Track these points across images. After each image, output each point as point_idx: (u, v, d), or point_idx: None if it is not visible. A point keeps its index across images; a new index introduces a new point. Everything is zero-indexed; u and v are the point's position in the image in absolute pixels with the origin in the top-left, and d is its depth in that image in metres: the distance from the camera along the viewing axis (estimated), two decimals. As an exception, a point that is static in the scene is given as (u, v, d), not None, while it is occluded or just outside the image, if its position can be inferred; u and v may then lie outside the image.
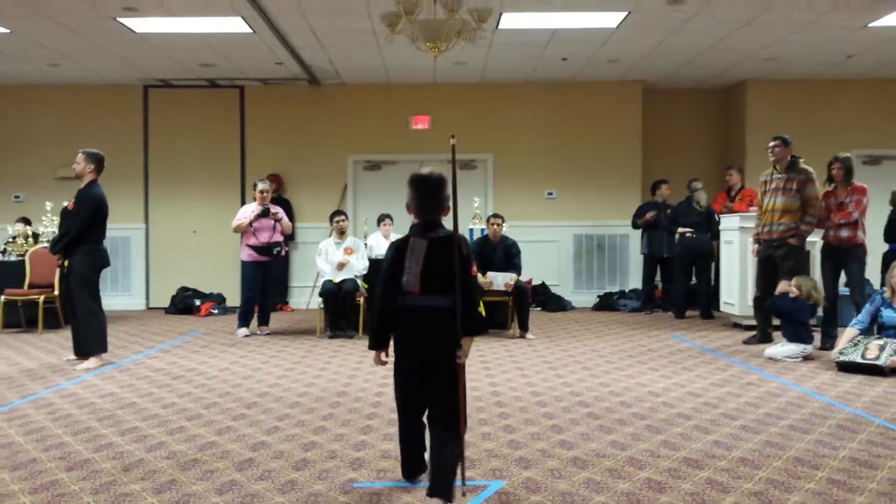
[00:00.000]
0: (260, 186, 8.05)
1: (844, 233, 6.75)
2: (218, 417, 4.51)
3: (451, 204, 3.09)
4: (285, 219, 8.14)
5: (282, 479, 3.39)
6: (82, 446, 3.92)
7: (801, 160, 6.98)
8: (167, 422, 4.41)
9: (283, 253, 8.24)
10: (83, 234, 6.07)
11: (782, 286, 6.52)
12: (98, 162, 6.27)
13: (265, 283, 8.08)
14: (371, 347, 3.22)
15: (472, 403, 4.78)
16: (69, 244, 6.09)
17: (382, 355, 3.21)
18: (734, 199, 9.59)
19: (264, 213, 7.91)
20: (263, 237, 7.92)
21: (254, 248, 7.93)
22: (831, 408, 4.67)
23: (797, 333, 6.35)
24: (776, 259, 6.94)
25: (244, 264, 8.09)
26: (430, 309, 3.03)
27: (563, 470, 3.49)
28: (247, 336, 7.88)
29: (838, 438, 3.99)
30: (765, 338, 7.03)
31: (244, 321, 8.05)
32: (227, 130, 10.68)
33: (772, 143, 6.98)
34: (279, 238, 8.04)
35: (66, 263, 6.17)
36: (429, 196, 3.08)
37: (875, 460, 3.61)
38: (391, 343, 3.19)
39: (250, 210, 8.00)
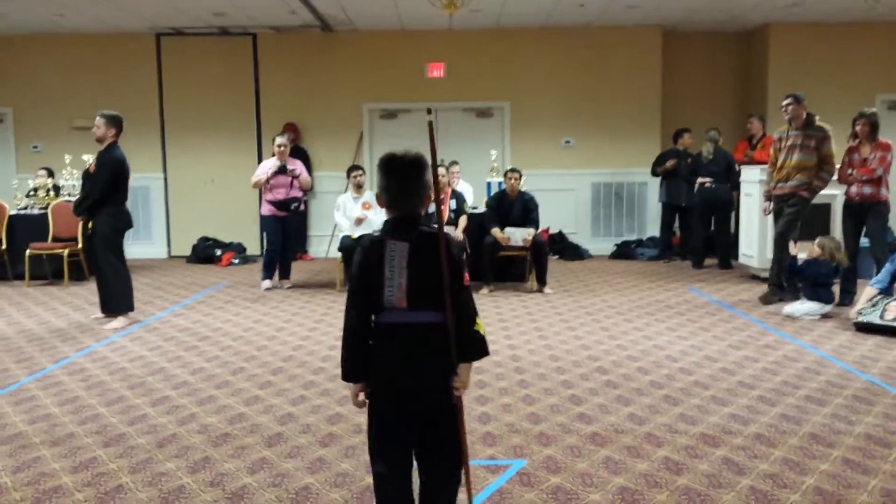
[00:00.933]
0: (278, 141, 8.04)
1: (867, 189, 6.69)
2: (245, 385, 4.63)
3: (431, 192, 2.49)
4: (304, 174, 8.16)
5: (310, 457, 3.51)
6: (117, 418, 4.06)
7: (816, 117, 6.88)
8: (197, 390, 4.54)
9: (301, 208, 8.28)
10: (105, 197, 6.14)
11: (808, 250, 6.51)
12: (118, 124, 6.29)
13: (285, 238, 8.16)
14: (346, 378, 2.51)
15: (491, 370, 4.88)
16: (92, 206, 6.17)
17: (361, 394, 2.51)
18: (755, 148, 9.48)
19: (282, 170, 7.94)
20: (280, 193, 7.98)
21: (272, 203, 8.01)
22: (848, 375, 4.73)
23: (817, 294, 6.36)
24: (783, 209, 6.97)
25: (264, 218, 8.22)
26: (419, 326, 2.41)
27: (583, 448, 3.59)
28: (269, 289, 8.01)
29: (854, 412, 4.05)
30: (774, 294, 7.03)
31: (268, 273, 8.19)
32: (241, 79, 10.60)
33: (785, 102, 6.90)
34: (297, 194, 8.10)
35: (90, 225, 6.25)
36: (405, 183, 2.43)
37: (889, 437, 3.68)
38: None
39: (269, 165, 8.03)
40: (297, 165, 8.14)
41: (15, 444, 3.70)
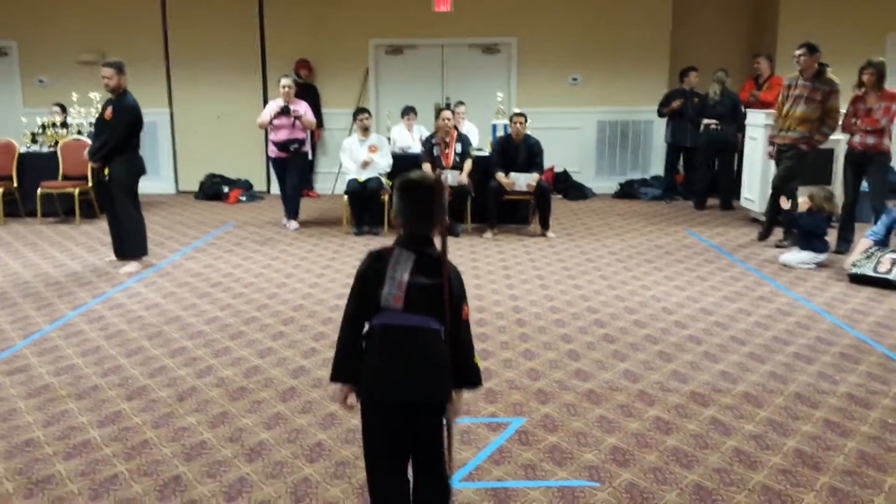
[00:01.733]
0: (283, 82, 8.09)
1: (870, 139, 6.73)
2: (258, 336, 4.84)
3: (445, 214, 2.46)
4: (308, 115, 8.21)
5: (322, 413, 3.74)
6: (137, 370, 4.28)
7: (828, 69, 6.88)
8: (212, 341, 4.75)
9: (303, 149, 8.38)
10: (121, 144, 6.25)
11: (802, 203, 6.62)
12: (125, 70, 6.32)
13: (288, 178, 8.30)
14: (333, 378, 2.52)
15: (494, 322, 5.08)
16: (108, 153, 6.28)
17: (350, 396, 2.50)
18: (762, 88, 9.43)
19: (285, 111, 8.03)
20: (282, 134, 8.10)
21: (275, 143, 8.17)
22: (837, 330, 4.91)
23: (811, 244, 6.50)
24: (782, 160, 7.09)
25: (271, 160, 8.42)
26: (416, 329, 2.38)
27: (579, 406, 3.81)
28: (296, 228, 8.26)
29: (839, 370, 4.25)
30: (767, 233, 7.30)
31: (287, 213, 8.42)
32: (246, 13, 10.46)
33: (798, 52, 6.90)
34: (299, 135, 8.19)
35: (106, 171, 6.37)
36: (420, 206, 2.42)
37: (870, 398, 3.89)
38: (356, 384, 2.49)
39: (274, 106, 8.08)
40: (300, 107, 8.18)
41: (43, 397, 3.93)
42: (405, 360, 2.39)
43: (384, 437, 2.45)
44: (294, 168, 8.32)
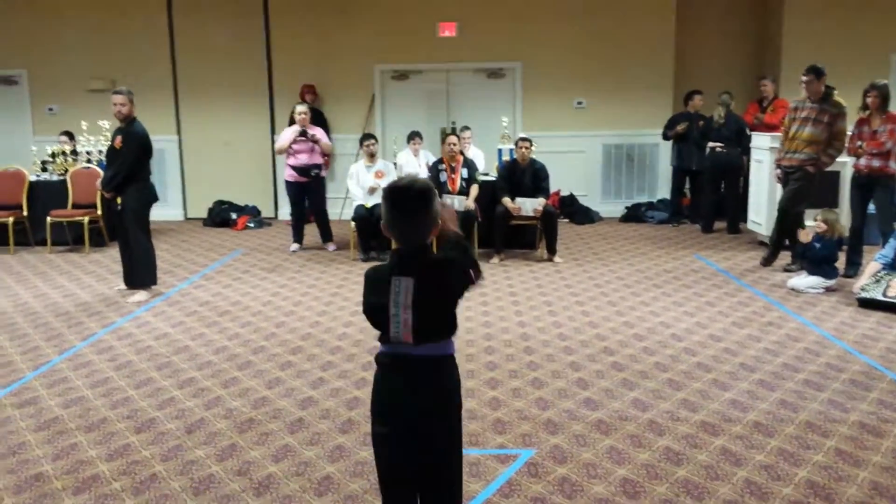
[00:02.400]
0: (299, 109, 8.41)
1: (876, 162, 6.72)
2: (266, 366, 4.85)
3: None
4: (324, 139, 8.45)
5: (330, 445, 3.73)
6: (146, 402, 4.29)
7: (835, 92, 6.91)
8: (220, 371, 4.76)
9: (322, 174, 8.56)
10: (133, 172, 6.31)
11: (808, 231, 6.63)
12: (133, 100, 6.38)
13: (313, 202, 8.60)
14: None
15: (502, 350, 5.08)
16: (121, 182, 6.33)
17: None
18: (766, 111, 9.47)
19: (303, 134, 8.23)
20: (302, 159, 8.31)
21: (294, 168, 8.34)
22: (847, 357, 4.88)
23: (822, 270, 6.49)
24: (789, 182, 7.12)
25: (286, 184, 8.58)
26: (426, 360, 2.35)
27: (588, 436, 3.79)
28: (295, 252, 8.48)
29: (850, 397, 4.22)
30: (772, 257, 7.29)
31: (295, 237, 8.65)
32: (253, 40, 10.60)
33: (805, 78, 6.96)
34: (318, 160, 8.41)
35: (118, 200, 6.42)
36: (411, 217, 2.31)
37: (882, 426, 3.86)
38: (368, 403, 2.49)
39: (291, 132, 8.29)
40: (317, 131, 8.42)
41: (52, 430, 3.93)
42: (417, 389, 2.35)
43: (400, 456, 2.38)
44: (314, 193, 8.56)
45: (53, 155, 9.36)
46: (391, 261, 2.37)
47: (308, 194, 8.53)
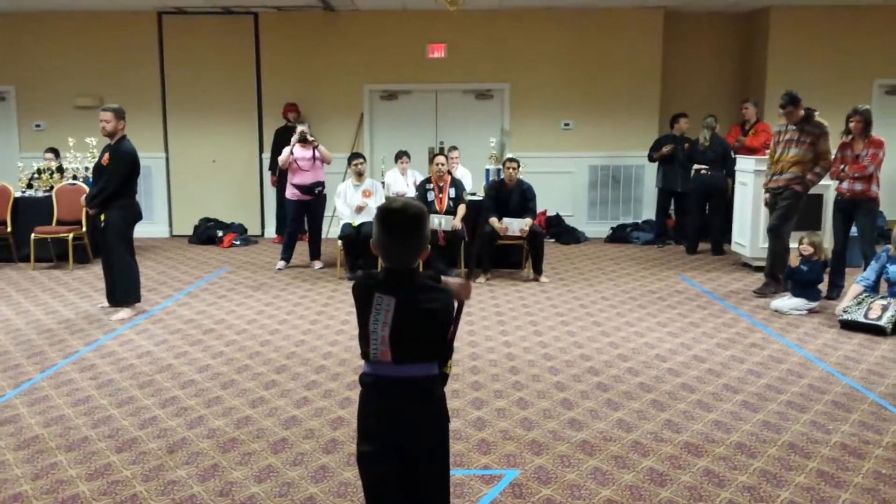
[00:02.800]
0: (299, 128, 8.51)
1: (858, 186, 6.80)
2: (250, 385, 4.82)
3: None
4: (322, 147, 8.57)
5: (314, 465, 3.71)
6: (128, 421, 4.25)
7: (816, 113, 7.03)
8: (203, 390, 4.73)
9: (324, 192, 8.65)
10: (118, 190, 6.28)
11: (797, 253, 6.67)
12: (124, 116, 6.37)
13: (311, 220, 8.63)
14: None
15: (487, 370, 5.07)
16: (105, 200, 6.30)
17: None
18: (748, 134, 9.57)
19: (303, 139, 8.36)
20: (307, 177, 8.42)
21: (297, 186, 8.42)
22: (829, 378, 4.91)
23: (806, 293, 6.54)
24: (777, 202, 7.17)
25: (288, 201, 8.65)
26: (407, 381, 2.33)
27: (573, 457, 3.79)
28: (280, 269, 8.50)
29: (832, 419, 4.25)
30: (769, 287, 7.24)
31: (285, 254, 8.66)
32: (242, 58, 10.63)
33: (782, 111, 7.10)
34: (321, 178, 8.53)
35: (102, 217, 6.39)
36: (400, 237, 2.30)
37: (863, 448, 3.88)
38: (355, 424, 2.47)
39: (293, 140, 8.49)
40: (315, 140, 8.60)
41: (32, 449, 3.89)
42: (396, 408, 2.34)
43: (387, 477, 2.36)
44: (316, 210, 8.63)
45: (39, 171, 9.32)
46: (379, 276, 2.36)
47: (309, 212, 8.59)
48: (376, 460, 2.35)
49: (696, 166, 9.35)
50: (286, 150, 8.47)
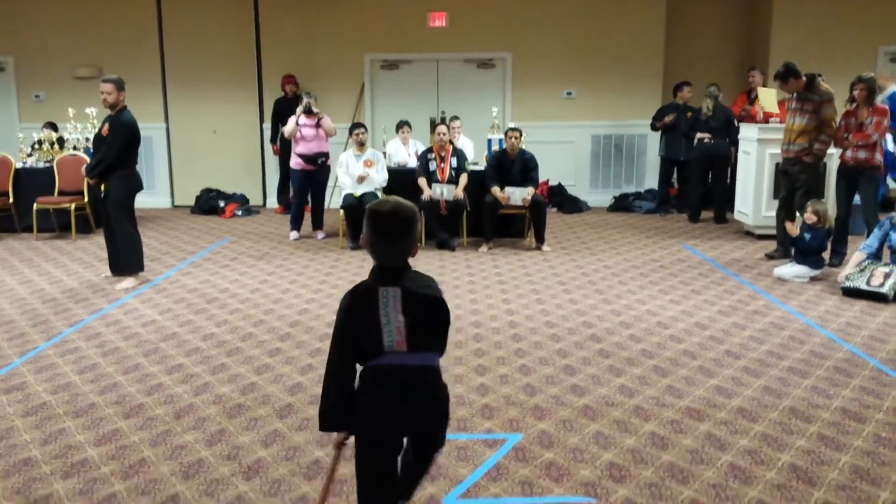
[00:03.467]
0: (305, 100, 8.48)
1: (862, 154, 6.78)
2: (255, 353, 4.85)
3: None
4: (326, 119, 8.52)
5: (319, 430, 3.74)
6: (134, 387, 4.29)
7: (821, 78, 6.98)
8: (209, 358, 4.76)
9: (328, 163, 8.65)
10: (118, 160, 6.27)
11: (796, 224, 6.67)
12: (124, 87, 6.33)
13: (314, 191, 8.64)
14: (327, 428, 2.55)
15: (490, 337, 5.10)
16: (105, 170, 6.30)
17: (341, 436, 2.55)
18: (754, 102, 9.51)
19: (307, 110, 8.34)
20: (312, 147, 8.40)
21: (301, 156, 8.40)
22: (831, 344, 4.94)
23: (809, 261, 6.55)
24: (792, 175, 7.14)
25: (292, 171, 8.66)
26: (419, 369, 2.40)
27: (575, 422, 3.82)
28: (297, 239, 8.49)
29: (833, 384, 4.28)
30: (787, 253, 7.27)
31: (294, 225, 8.66)
32: (242, 28, 10.54)
33: (777, 83, 7.16)
34: (325, 148, 8.51)
35: (102, 187, 6.39)
36: (392, 239, 2.33)
37: (864, 412, 3.91)
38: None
39: (298, 111, 8.47)
40: (320, 112, 8.56)
41: (40, 415, 3.93)
42: (409, 396, 2.41)
43: (383, 464, 2.48)
44: (319, 181, 8.64)
45: (39, 142, 9.29)
46: (372, 277, 2.40)
47: (312, 183, 8.58)
48: (380, 442, 2.46)
49: (698, 135, 9.31)
50: (292, 121, 8.45)
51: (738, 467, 3.35)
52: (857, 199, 7.04)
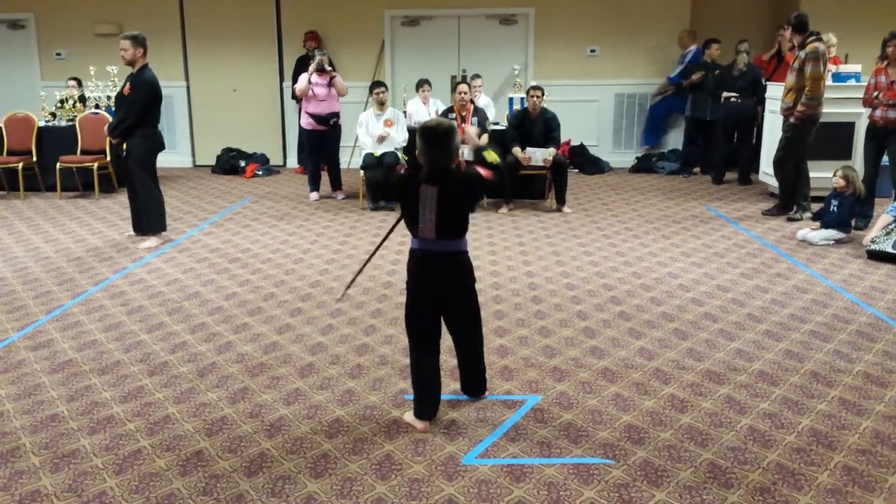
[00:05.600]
0: (318, 57, 8.40)
1: (892, 113, 6.64)
2: (276, 312, 4.90)
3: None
4: (339, 79, 8.43)
5: (340, 389, 3.79)
6: (159, 346, 4.35)
7: (814, 37, 6.87)
8: (232, 317, 4.81)
9: (339, 123, 8.60)
10: (140, 119, 6.27)
11: (834, 182, 6.55)
12: (144, 44, 6.30)
13: (328, 151, 8.57)
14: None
15: (510, 298, 5.11)
16: (127, 129, 6.31)
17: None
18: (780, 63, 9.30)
19: (320, 68, 8.25)
20: (323, 107, 8.34)
21: (312, 116, 8.34)
22: (854, 308, 4.89)
23: (836, 225, 6.45)
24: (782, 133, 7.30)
25: (303, 131, 8.63)
26: (445, 254, 3.28)
27: (594, 383, 3.83)
28: (317, 199, 8.50)
29: (856, 348, 4.24)
30: (785, 209, 7.25)
31: (313, 186, 8.63)
32: (262, -16, 10.43)
33: (782, 30, 7.07)
34: (336, 108, 8.43)
35: (124, 146, 6.41)
36: (438, 146, 3.20)
37: (887, 377, 3.88)
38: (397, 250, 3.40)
39: (311, 69, 8.38)
40: (332, 70, 8.50)
41: (67, 372, 4.00)
42: (440, 274, 3.32)
43: (428, 319, 3.37)
44: (332, 141, 8.57)
45: (62, 101, 9.32)
46: (420, 174, 3.25)
47: (323, 143, 8.51)
48: (423, 306, 3.36)
49: (725, 94, 9.14)
50: (303, 79, 8.37)
51: (757, 430, 3.35)
52: (885, 160, 6.90)
